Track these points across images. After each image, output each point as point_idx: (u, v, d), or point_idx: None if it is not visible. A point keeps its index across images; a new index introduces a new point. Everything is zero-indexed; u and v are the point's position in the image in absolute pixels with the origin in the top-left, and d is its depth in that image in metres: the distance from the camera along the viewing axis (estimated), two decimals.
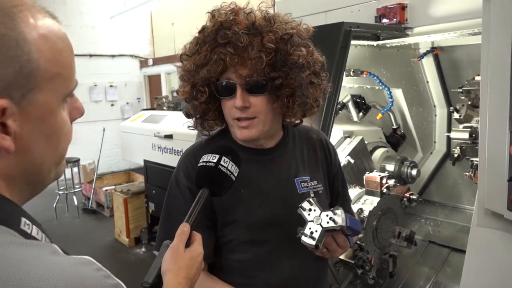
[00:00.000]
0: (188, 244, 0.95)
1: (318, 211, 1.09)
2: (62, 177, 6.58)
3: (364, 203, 2.32)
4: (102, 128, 7.15)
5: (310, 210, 1.09)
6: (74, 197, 6.49)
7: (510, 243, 1.40)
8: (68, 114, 0.63)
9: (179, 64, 1.23)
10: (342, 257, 2.36)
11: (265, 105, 1.15)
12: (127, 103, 9.35)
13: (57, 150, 0.62)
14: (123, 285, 0.56)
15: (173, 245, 0.92)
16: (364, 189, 2.39)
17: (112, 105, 9.18)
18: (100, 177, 6.92)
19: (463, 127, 2.58)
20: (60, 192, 6.47)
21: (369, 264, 2.25)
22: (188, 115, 1.27)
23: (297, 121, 1.29)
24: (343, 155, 2.46)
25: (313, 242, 1.06)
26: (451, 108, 2.64)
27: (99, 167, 6.98)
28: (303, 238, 1.08)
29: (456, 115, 2.62)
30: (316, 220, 1.08)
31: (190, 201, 1.19)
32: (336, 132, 2.57)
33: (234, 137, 1.24)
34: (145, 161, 4.80)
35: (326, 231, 1.08)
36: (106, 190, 6.35)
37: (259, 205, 1.22)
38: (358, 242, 2.24)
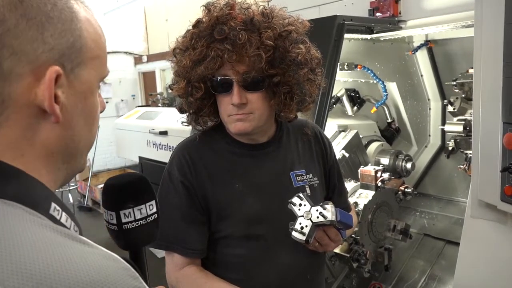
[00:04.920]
0: None
1: (308, 206, 1.09)
2: None
3: (359, 197, 2.33)
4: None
5: (300, 205, 1.09)
6: (70, 195, 6.47)
7: (504, 234, 1.40)
8: None
9: (172, 58, 1.21)
10: (337, 250, 2.36)
11: (262, 102, 1.14)
12: (122, 100, 9.30)
13: (92, 133, 0.64)
14: None
15: None
16: (359, 182, 2.39)
17: (106, 102, 9.04)
18: (95, 174, 6.89)
19: (457, 120, 2.58)
20: (56, 190, 6.43)
21: (365, 257, 2.26)
22: (181, 111, 1.25)
23: (292, 117, 1.28)
24: (338, 149, 2.46)
25: (303, 237, 1.06)
26: (445, 101, 2.65)
27: (94, 165, 6.95)
28: (294, 233, 1.08)
29: (450, 108, 2.62)
30: (306, 215, 1.08)
31: (183, 195, 1.19)
32: (331, 126, 2.56)
33: (228, 131, 1.23)
34: (140, 158, 4.78)
35: (316, 226, 1.08)
36: (101, 187, 6.31)
37: (254, 199, 1.22)
38: (353, 235, 2.24)
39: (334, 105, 2.66)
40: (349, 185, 2.40)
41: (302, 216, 1.08)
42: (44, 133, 0.56)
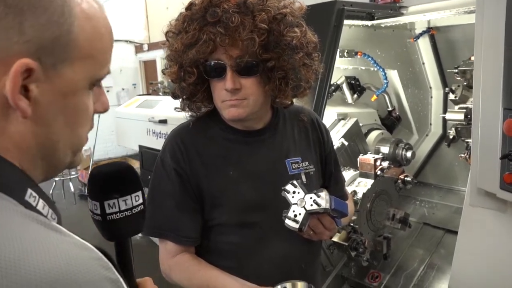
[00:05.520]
0: None
1: (302, 193, 1.06)
2: None
3: (358, 186, 2.31)
4: (97, 114, 7.09)
5: (294, 192, 1.07)
6: (71, 184, 6.48)
7: (503, 222, 1.38)
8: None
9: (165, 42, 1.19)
10: (335, 239, 2.35)
11: (256, 88, 1.11)
12: (123, 89, 9.26)
13: (74, 133, 0.61)
14: (122, 281, 0.52)
15: None
16: (358, 171, 2.37)
17: (107, 91, 9.04)
18: (96, 163, 6.88)
19: (459, 108, 2.55)
20: (57, 179, 6.46)
21: (363, 246, 2.25)
22: (174, 96, 1.23)
23: (288, 103, 1.26)
24: (337, 137, 2.43)
25: (297, 225, 1.04)
26: (447, 89, 2.61)
27: (95, 154, 6.96)
28: (287, 221, 1.06)
29: (451, 96, 2.59)
30: (300, 203, 1.06)
31: (176, 183, 1.17)
32: (330, 114, 2.54)
33: (222, 117, 1.21)
34: (140, 146, 4.77)
35: (310, 214, 1.06)
36: None
37: (249, 187, 1.20)
38: (352, 224, 2.23)
39: (334, 93, 2.63)
40: (348, 173, 2.38)
41: (296, 203, 1.06)
42: (15, 125, 0.54)
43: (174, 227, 1.18)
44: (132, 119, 4.98)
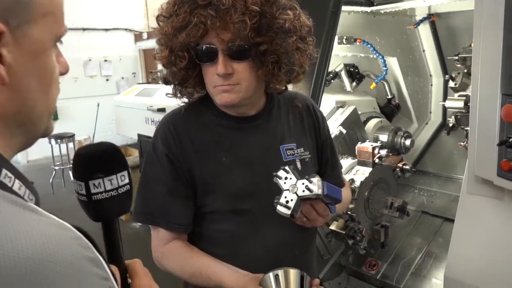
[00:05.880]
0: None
1: (294, 179, 1.05)
2: (58, 153, 6.57)
3: (356, 174, 2.30)
4: (97, 103, 7.09)
5: (286, 178, 1.05)
6: (71, 173, 6.47)
7: (500, 210, 1.37)
8: None
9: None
10: (333, 227, 2.35)
11: (249, 72, 1.09)
12: (123, 78, 9.22)
13: (48, 95, 0.60)
14: (102, 260, 0.51)
15: None
16: (356, 159, 2.36)
17: (107, 80, 9.07)
18: None
19: (458, 96, 2.52)
20: (56, 168, 6.47)
21: (360, 234, 2.24)
22: (166, 82, 1.21)
23: (282, 88, 1.23)
24: (335, 125, 2.41)
25: (288, 212, 1.03)
26: (447, 76, 2.58)
27: (94, 142, 6.95)
28: (279, 207, 1.04)
29: (451, 84, 2.56)
30: (292, 189, 1.04)
31: (168, 169, 1.16)
32: (329, 102, 2.51)
33: (215, 103, 1.19)
34: (139, 135, 4.75)
35: (302, 200, 1.04)
36: None
37: (242, 173, 1.18)
38: (349, 212, 2.22)
39: (332, 81, 2.61)
40: (346, 162, 2.37)
41: (288, 189, 1.04)
42: None
43: (166, 214, 1.17)
44: (131, 107, 4.96)
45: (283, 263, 1.09)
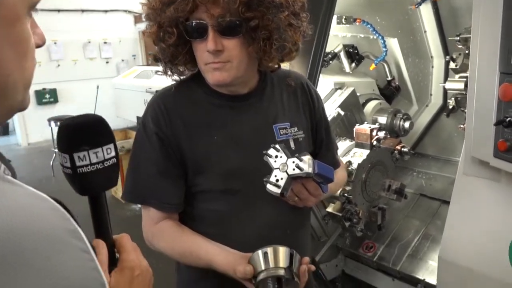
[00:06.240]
0: (115, 262, 0.72)
1: (284, 158, 1.03)
2: None
3: (354, 156, 2.28)
4: (96, 86, 7.04)
5: (276, 157, 1.03)
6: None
7: (495, 192, 1.35)
8: None
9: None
10: (330, 209, 2.34)
11: (240, 49, 1.06)
12: (122, 60, 9.14)
13: (24, 66, 0.57)
14: (81, 232, 0.50)
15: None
16: (354, 141, 2.33)
17: (107, 62, 8.99)
18: None
19: (459, 77, 2.48)
20: (56, 150, 6.46)
21: (357, 216, 2.24)
22: (156, 59, 1.18)
23: (275, 66, 1.21)
24: (333, 107, 2.38)
25: (278, 190, 1.01)
26: (447, 57, 2.53)
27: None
28: (268, 186, 1.02)
29: (452, 65, 2.51)
30: (282, 167, 1.02)
31: (158, 148, 1.14)
32: (327, 83, 2.48)
33: (207, 81, 1.16)
34: (138, 118, 4.73)
35: (292, 179, 1.02)
36: None
37: (233, 152, 1.16)
38: (346, 194, 2.21)
39: (331, 61, 2.56)
40: (344, 144, 2.35)
41: (278, 168, 1.02)
42: None
43: (156, 193, 1.15)
44: (130, 89, 4.93)
45: (274, 243, 1.08)
